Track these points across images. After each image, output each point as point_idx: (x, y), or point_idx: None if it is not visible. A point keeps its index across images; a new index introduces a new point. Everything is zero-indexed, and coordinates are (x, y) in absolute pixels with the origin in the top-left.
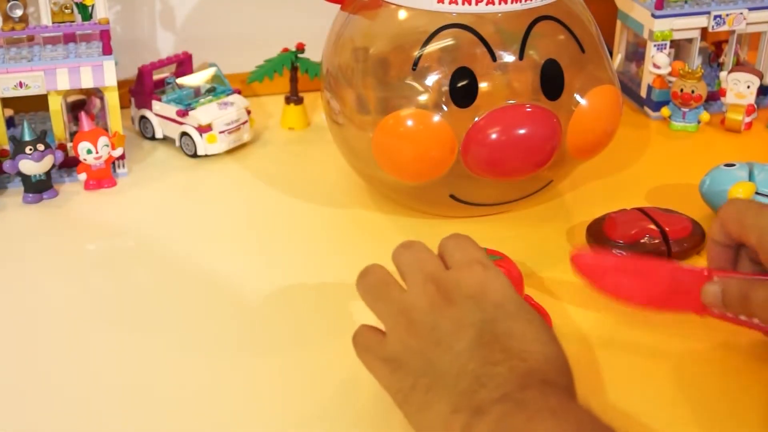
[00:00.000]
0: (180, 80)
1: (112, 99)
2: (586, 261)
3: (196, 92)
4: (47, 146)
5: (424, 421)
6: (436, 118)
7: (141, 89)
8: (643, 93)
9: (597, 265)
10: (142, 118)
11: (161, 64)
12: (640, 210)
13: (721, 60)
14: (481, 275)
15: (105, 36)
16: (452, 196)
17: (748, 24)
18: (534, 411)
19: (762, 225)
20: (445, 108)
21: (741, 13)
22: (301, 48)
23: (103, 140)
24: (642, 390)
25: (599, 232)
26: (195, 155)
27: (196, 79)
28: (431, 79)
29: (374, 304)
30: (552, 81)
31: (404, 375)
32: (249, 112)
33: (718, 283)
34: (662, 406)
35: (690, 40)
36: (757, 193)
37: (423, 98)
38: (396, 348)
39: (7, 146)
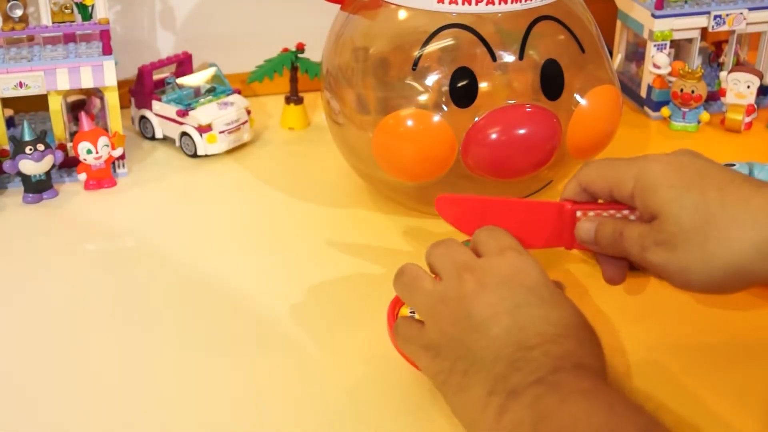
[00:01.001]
0: (180, 80)
1: (112, 99)
2: (450, 205)
3: (196, 92)
4: (47, 146)
5: (461, 403)
6: (436, 118)
7: (141, 89)
8: (643, 93)
9: (460, 210)
10: (142, 118)
11: (161, 64)
12: None
13: (721, 60)
14: (514, 260)
15: (105, 36)
16: None
17: (748, 24)
18: (567, 393)
19: (634, 173)
20: (445, 108)
21: (741, 13)
22: (301, 48)
23: (103, 140)
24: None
25: None
26: (195, 155)
27: (196, 79)
28: (431, 79)
29: (411, 299)
30: (552, 81)
31: (443, 360)
32: (249, 112)
33: (592, 221)
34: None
35: (690, 40)
36: None
37: (423, 98)
38: (434, 336)
39: (7, 146)
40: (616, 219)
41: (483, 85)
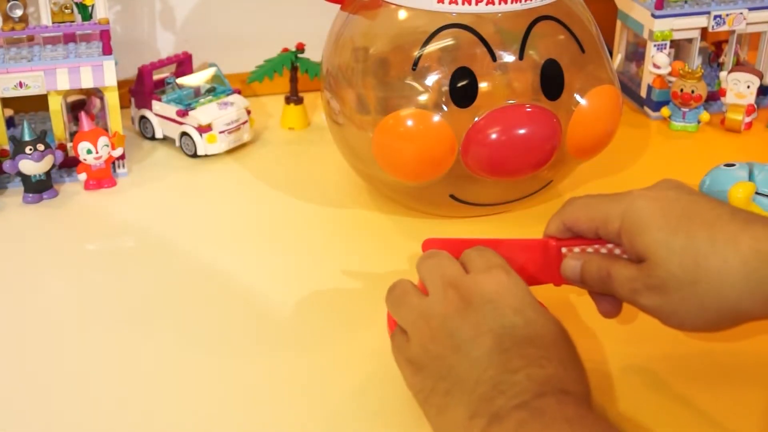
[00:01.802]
0: (180, 80)
1: (112, 99)
2: (437, 247)
3: (196, 92)
4: (47, 146)
5: (443, 424)
6: (436, 118)
7: (141, 89)
8: (643, 93)
9: (447, 251)
10: (142, 118)
11: (161, 64)
12: None
13: (721, 60)
14: (500, 279)
15: (105, 36)
16: (452, 196)
17: (748, 24)
18: (550, 419)
19: (619, 210)
20: (445, 108)
21: (741, 13)
22: (301, 48)
23: (103, 140)
24: (649, 391)
25: None
26: (195, 155)
27: (196, 79)
28: (431, 79)
29: (396, 312)
30: (552, 81)
31: (425, 378)
32: (249, 112)
33: (578, 259)
34: (670, 408)
35: (690, 40)
36: (757, 193)
37: (423, 98)
38: (417, 351)
39: (7, 146)
40: (602, 256)
41: (483, 85)
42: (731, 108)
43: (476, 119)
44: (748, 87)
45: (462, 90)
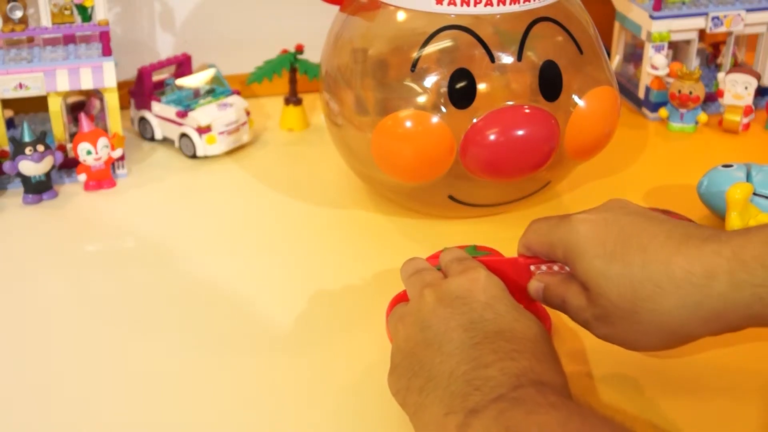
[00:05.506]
0: (179, 81)
1: (112, 100)
2: None
3: (196, 93)
4: (47, 147)
5: (421, 423)
6: (435, 119)
7: (140, 90)
8: (641, 94)
9: None
10: (142, 119)
11: (161, 65)
12: None
13: (718, 61)
14: (474, 277)
15: (104, 37)
16: (451, 197)
17: (745, 25)
18: (533, 406)
19: (561, 237)
20: (443, 109)
21: (739, 15)
22: (300, 49)
23: (102, 141)
24: (638, 390)
25: None
26: (194, 156)
27: (196, 80)
28: (430, 81)
29: (389, 323)
30: (550, 82)
31: (400, 376)
32: (248, 113)
33: (540, 281)
34: (659, 406)
35: (688, 42)
36: (754, 194)
37: (422, 99)
38: (394, 351)
39: (7, 147)
40: (560, 282)
41: (481, 87)
42: (729, 109)
43: (475, 120)
44: (746, 88)
45: (461, 91)
